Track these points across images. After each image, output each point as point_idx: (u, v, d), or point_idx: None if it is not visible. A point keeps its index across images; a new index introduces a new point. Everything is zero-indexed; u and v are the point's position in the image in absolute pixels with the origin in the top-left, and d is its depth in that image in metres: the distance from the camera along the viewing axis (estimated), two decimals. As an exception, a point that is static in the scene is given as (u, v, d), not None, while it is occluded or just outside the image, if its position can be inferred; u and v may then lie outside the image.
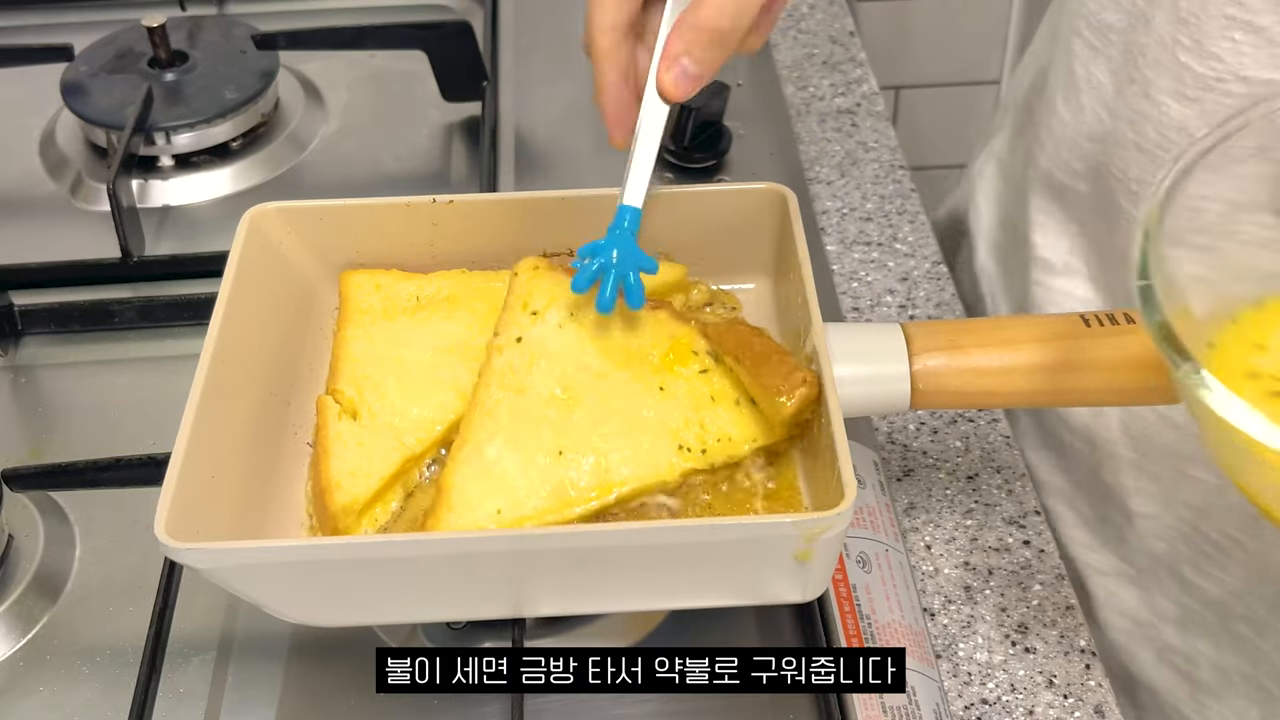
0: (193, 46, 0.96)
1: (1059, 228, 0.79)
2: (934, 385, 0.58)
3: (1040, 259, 0.80)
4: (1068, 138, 0.76)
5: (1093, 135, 0.73)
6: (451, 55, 0.94)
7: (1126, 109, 0.70)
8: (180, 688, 0.63)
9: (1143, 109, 0.68)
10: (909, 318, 0.83)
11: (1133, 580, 0.79)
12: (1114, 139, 0.71)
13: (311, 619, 0.58)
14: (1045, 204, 0.80)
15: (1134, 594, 0.79)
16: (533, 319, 0.62)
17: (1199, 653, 0.76)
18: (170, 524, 0.51)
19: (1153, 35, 0.67)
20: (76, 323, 0.81)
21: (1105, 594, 0.81)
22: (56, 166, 0.93)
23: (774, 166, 0.91)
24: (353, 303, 0.65)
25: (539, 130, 0.96)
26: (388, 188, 0.91)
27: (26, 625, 0.66)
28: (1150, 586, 0.78)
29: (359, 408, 0.61)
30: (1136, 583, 0.79)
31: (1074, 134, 0.75)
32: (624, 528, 0.55)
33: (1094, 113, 0.73)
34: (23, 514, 0.70)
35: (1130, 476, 0.77)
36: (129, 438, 0.72)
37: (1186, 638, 0.77)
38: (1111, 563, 0.80)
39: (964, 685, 0.65)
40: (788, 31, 1.07)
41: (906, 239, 0.89)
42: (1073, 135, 0.75)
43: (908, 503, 0.73)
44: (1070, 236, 0.79)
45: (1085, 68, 0.73)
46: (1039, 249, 0.80)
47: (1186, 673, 0.77)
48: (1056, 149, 0.77)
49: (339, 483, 0.58)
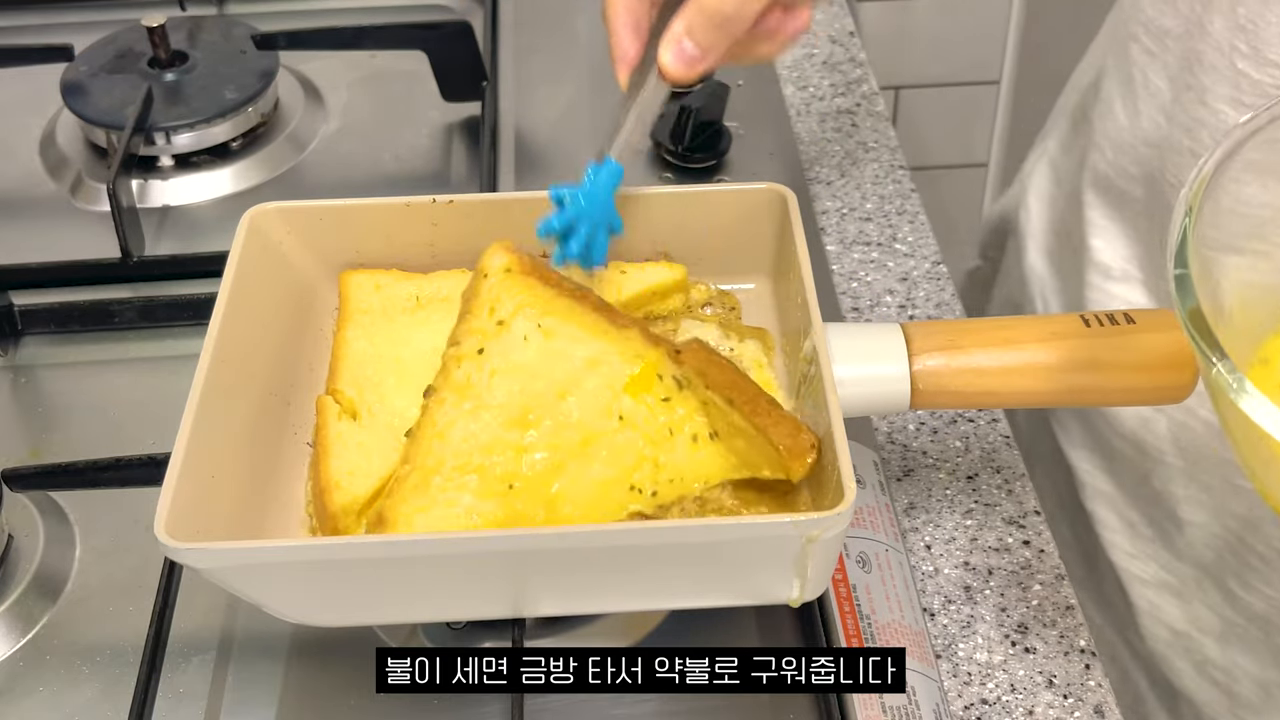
0: (193, 46, 0.96)
1: (1117, 231, 0.78)
2: (934, 385, 0.58)
3: (1098, 263, 0.79)
4: (1125, 142, 0.75)
5: (1149, 140, 0.73)
6: (451, 55, 0.94)
7: (1183, 115, 0.69)
8: (180, 688, 0.63)
9: (1199, 115, 0.68)
10: (909, 318, 0.83)
11: (1175, 591, 0.78)
12: (1169, 145, 0.70)
13: (311, 619, 0.58)
14: (1102, 207, 0.79)
15: (1175, 605, 0.78)
16: (498, 329, 0.60)
17: (1239, 667, 0.75)
18: (170, 524, 0.52)
19: (1210, 42, 0.66)
20: (76, 323, 0.81)
21: (1146, 603, 0.80)
22: (56, 166, 0.93)
23: (774, 167, 0.91)
24: (353, 303, 0.65)
25: (539, 130, 0.96)
26: (388, 188, 0.91)
27: (26, 625, 0.66)
28: (1193, 598, 0.77)
29: (359, 408, 0.61)
30: (1179, 594, 0.78)
31: (1130, 138, 0.74)
32: (624, 528, 0.55)
33: (1150, 118, 0.72)
34: (23, 514, 0.70)
35: (1180, 484, 0.76)
36: (129, 438, 0.72)
37: (1227, 651, 0.76)
38: (1153, 571, 0.79)
39: (964, 685, 0.65)
40: (788, 31, 1.07)
41: (906, 239, 0.89)
42: (1129, 140, 0.75)
43: (908, 503, 0.73)
44: (1128, 241, 0.78)
45: (1143, 73, 0.72)
46: (1096, 252, 0.79)
47: (1226, 687, 0.76)
48: (1113, 153, 0.77)
49: (338, 483, 0.59)
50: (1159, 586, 0.79)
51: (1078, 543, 0.86)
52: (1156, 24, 0.71)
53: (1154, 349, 0.58)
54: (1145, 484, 0.78)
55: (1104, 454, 0.81)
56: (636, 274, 0.66)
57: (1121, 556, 0.81)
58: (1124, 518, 0.81)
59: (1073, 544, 0.87)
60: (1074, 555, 0.87)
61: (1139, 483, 0.78)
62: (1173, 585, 0.79)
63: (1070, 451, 0.83)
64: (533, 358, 0.59)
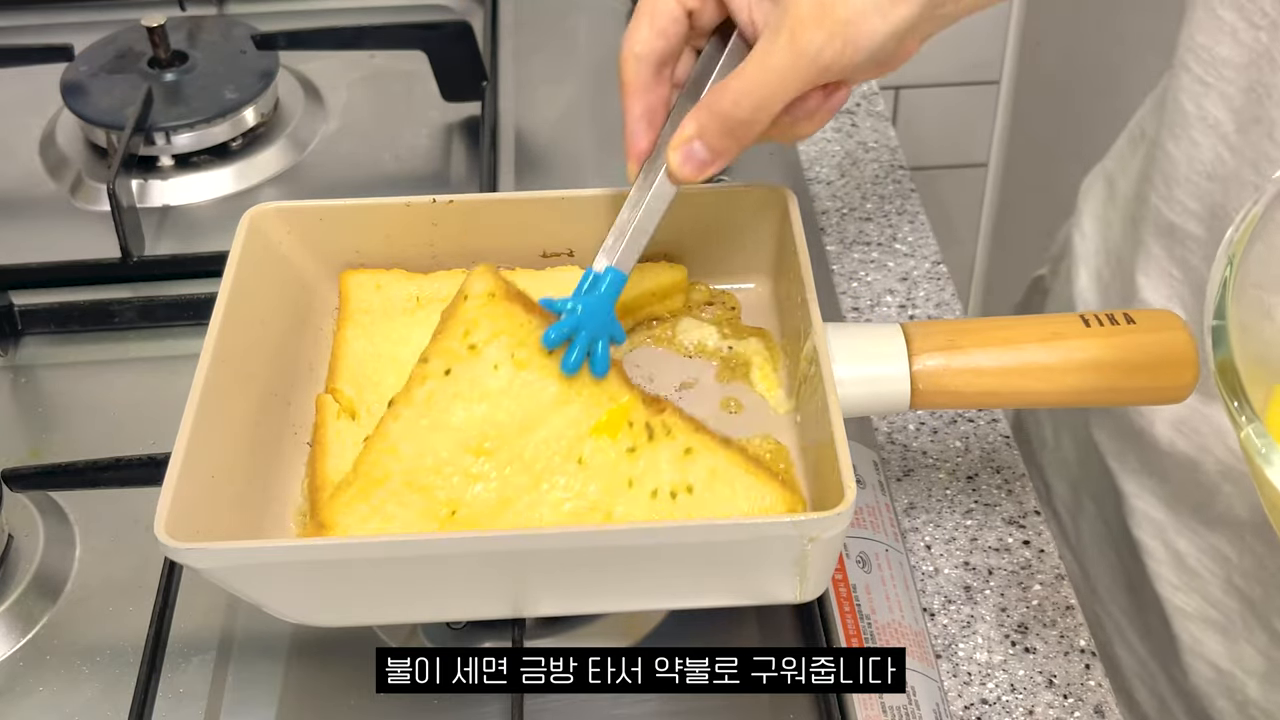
0: (193, 46, 0.96)
1: (1161, 271, 0.74)
2: (934, 385, 0.58)
3: (1142, 299, 0.76)
4: (1180, 175, 0.71)
5: (1211, 174, 0.69)
6: (451, 55, 0.94)
7: (1250, 149, 0.66)
8: (180, 688, 0.63)
9: (1267, 150, 0.64)
10: (909, 318, 0.83)
11: (1220, 628, 0.76)
12: (1235, 180, 0.67)
13: (311, 619, 0.58)
14: (1153, 242, 0.75)
15: (1220, 641, 0.76)
16: (469, 353, 0.58)
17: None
18: (170, 524, 0.52)
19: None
20: (76, 323, 0.81)
21: (1189, 638, 0.78)
22: (56, 166, 0.93)
23: (774, 166, 0.91)
24: (353, 302, 0.65)
25: (539, 130, 0.96)
26: (388, 188, 0.91)
27: (26, 625, 0.66)
28: (1238, 636, 0.75)
29: (358, 407, 0.61)
30: (1224, 630, 0.76)
31: (1187, 171, 0.71)
32: (624, 528, 0.55)
33: (1212, 150, 0.69)
34: (23, 514, 0.70)
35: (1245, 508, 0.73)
36: (129, 438, 0.72)
37: (1270, 693, 0.74)
38: (1198, 605, 0.77)
39: (964, 685, 0.65)
40: (788, 31, 1.07)
41: (906, 239, 0.89)
42: (1185, 172, 0.71)
43: (908, 503, 0.73)
44: (1173, 281, 0.74)
45: (1195, 103, 0.69)
46: (1142, 289, 0.76)
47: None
48: (1168, 185, 0.72)
49: (334, 481, 0.58)
50: (1203, 621, 0.77)
51: (1124, 571, 0.84)
52: (1211, 52, 0.67)
53: (1154, 349, 0.58)
54: (1196, 515, 0.76)
55: (1159, 480, 0.78)
56: (636, 274, 0.66)
57: (1167, 588, 0.79)
58: (1172, 548, 0.78)
59: (1119, 572, 0.84)
60: (1119, 584, 0.84)
61: (1191, 513, 0.76)
62: (1218, 621, 0.76)
63: (1123, 478, 0.80)
64: (500, 386, 0.57)
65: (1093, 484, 0.86)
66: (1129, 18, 1.34)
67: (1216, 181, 0.69)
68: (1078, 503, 0.89)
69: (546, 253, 0.67)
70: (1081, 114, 1.45)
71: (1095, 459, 0.83)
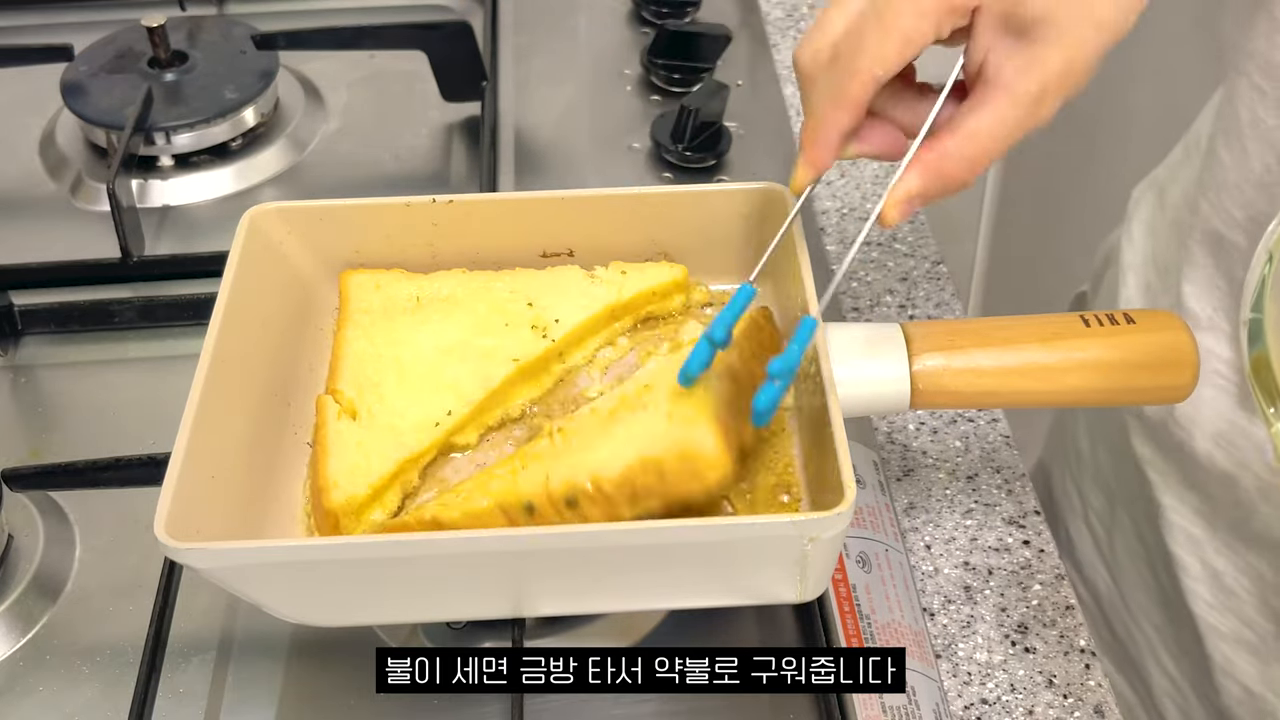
0: (192, 46, 0.96)
1: (1207, 281, 0.73)
2: (933, 385, 0.58)
3: (1187, 309, 0.74)
4: (1230, 183, 0.70)
5: (1260, 183, 0.67)
6: (451, 55, 0.94)
7: None
8: (180, 687, 0.63)
9: None
10: (908, 318, 0.83)
11: (1252, 649, 0.76)
12: None
13: (311, 619, 0.58)
14: (1200, 251, 0.73)
15: (1252, 663, 0.76)
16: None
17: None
18: (170, 524, 0.52)
19: None
20: (76, 323, 0.81)
21: (1222, 658, 0.77)
22: (56, 166, 0.93)
23: (773, 166, 0.91)
24: (353, 303, 0.66)
25: (539, 130, 0.96)
26: (387, 188, 0.91)
27: (26, 625, 0.66)
28: (1271, 658, 0.75)
29: (358, 407, 0.61)
30: (1256, 652, 0.75)
31: (1237, 179, 0.69)
32: (624, 528, 0.55)
33: (1261, 159, 0.67)
34: (23, 514, 0.70)
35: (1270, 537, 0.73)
36: (129, 438, 0.72)
37: None
38: (1232, 625, 0.76)
39: (964, 685, 0.65)
40: (788, 31, 1.07)
41: (906, 239, 0.89)
42: (1236, 181, 0.69)
43: (908, 503, 0.73)
44: (1219, 293, 0.73)
45: (1251, 110, 0.67)
46: (1187, 298, 0.74)
47: None
48: (1218, 193, 0.71)
49: (336, 482, 0.59)
50: (1236, 642, 0.76)
51: (1158, 588, 0.83)
52: (1268, 58, 0.66)
53: (1154, 349, 0.58)
54: (1234, 532, 0.75)
55: (1198, 495, 0.77)
56: (636, 274, 0.66)
57: (1201, 606, 0.78)
58: (1209, 565, 0.77)
59: (1153, 589, 0.84)
60: (1152, 600, 0.84)
61: (1229, 530, 0.75)
62: (1252, 642, 0.76)
63: (1161, 490, 0.79)
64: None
65: (1130, 497, 0.85)
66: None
67: (1264, 190, 0.68)
68: (1113, 516, 0.88)
69: (546, 252, 0.67)
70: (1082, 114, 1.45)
71: (1133, 471, 0.82)
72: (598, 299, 0.65)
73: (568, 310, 0.64)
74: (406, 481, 0.61)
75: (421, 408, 0.61)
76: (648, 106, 0.96)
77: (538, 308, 0.65)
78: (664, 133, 0.90)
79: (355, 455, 0.59)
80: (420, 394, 0.62)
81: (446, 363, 0.63)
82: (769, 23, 1.08)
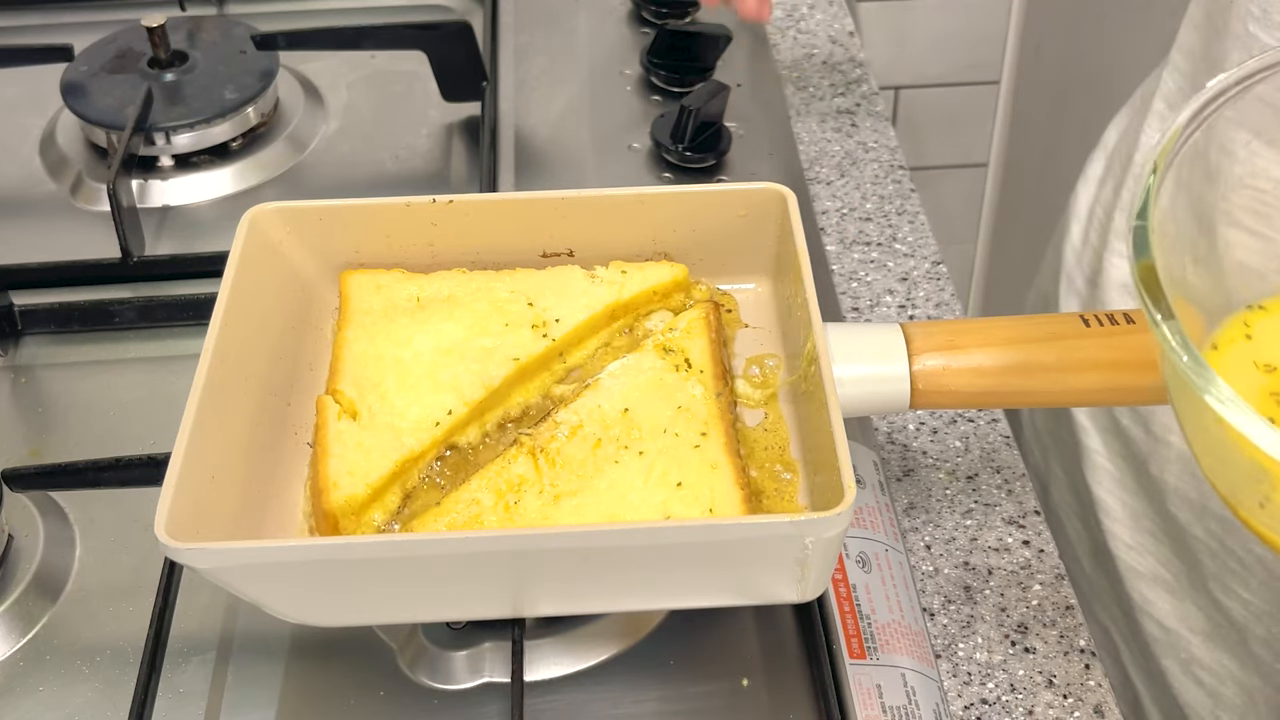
0: (192, 47, 0.96)
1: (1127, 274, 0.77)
2: (933, 385, 0.58)
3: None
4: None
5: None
6: (451, 55, 0.94)
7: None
8: (180, 687, 0.63)
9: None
10: (908, 318, 0.83)
11: (1169, 587, 0.78)
12: None
13: (311, 619, 0.58)
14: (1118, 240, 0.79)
15: (1168, 601, 0.78)
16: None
17: (1225, 668, 0.75)
18: (170, 524, 0.52)
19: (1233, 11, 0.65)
20: (76, 323, 0.81)
21: (1139, 597, 0.80)
22: (56, 166, 0.93)
23: (773, 166, 0.91)
24: (353, 302, 0.66)
25: (539, 130, 0.96)
26: (387, 188, 0.91)
27: (26, 625, 0.66)
28: (1185, 595, 0.77)
29: (359, 408, 0.61)
30: (1172, 590, 0.78)
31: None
32: (624, 527, 0.55)
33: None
34: (23, 514, 0.70)
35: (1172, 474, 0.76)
36: (129, 438, 0.72)
37: (1213, 652, 0.76)
38: (1149, 565, 0.79)
39: (964, 685, 0.65)
40: (787, 31, 1.07)
41: (906, 239, 0.89)
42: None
43: (907, 503, 0.73)
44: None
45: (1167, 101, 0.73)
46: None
47: (1211, 688, 0.76)
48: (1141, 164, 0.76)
49: (336, 483, 0.58)
50: (1153, 580, 0.79)
51: (1089, 536, 0.86)
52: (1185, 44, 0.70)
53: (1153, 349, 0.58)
54: (1144, 470, 0.78)
55: (1115, 435, 0.81)
56: (637, 274, 0.66)
57: (1121, 548, 0.81)
58: (1128, 506, 0.81)
59: (1084, 538, 0.87)
60: (1083, 549, 0.87)
61: (1139, 468, 0.78)
62: (1166, 581, 0.78)
63: (1089, 435, 0.83)
64: None
65: (1063, 450, 0.88)
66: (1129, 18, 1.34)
67: None
68: (1049, 470, 0.91)
69: (546, 253, 0.67)
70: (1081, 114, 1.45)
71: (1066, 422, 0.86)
72: (598, 299, 0.65)
73: (568, 310, 0.64)
74: (407, 482, 0.61)
75: (421, 407, 0.61)
76: (648, 106, 0.96)
77: (538, 307, 0.65)
78: (664, 133, 0.90)
79: (355, 455, 0.59)
80: (420, 394, 0.62)
81: (446, 362, 0.63)
82: (769, 23, 1.08)
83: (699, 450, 0.58)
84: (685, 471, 0.58)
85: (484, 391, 0.62)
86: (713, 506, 0.57)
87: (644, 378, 0.61)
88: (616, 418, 0.60)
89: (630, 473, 0.58)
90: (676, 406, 0.60)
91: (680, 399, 0.61)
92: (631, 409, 0.60)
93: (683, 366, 0.62)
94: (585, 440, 0.59)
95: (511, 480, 0.58)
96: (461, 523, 0.57)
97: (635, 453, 0.59)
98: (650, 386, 0.61)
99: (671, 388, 0.61)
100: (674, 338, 0.63)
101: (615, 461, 0.58)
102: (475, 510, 0.57)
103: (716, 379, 0.62)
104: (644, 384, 0.61)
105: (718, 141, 0.90)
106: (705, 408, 0.60)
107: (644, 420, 0.60)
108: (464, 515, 0.57)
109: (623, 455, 0.59)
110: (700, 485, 0.57)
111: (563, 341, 0.64)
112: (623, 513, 0.57)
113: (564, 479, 0.58)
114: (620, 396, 0.61)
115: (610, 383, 0.61)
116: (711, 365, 0.62)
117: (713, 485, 0.57)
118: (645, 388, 0.61)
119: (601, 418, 0.60)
